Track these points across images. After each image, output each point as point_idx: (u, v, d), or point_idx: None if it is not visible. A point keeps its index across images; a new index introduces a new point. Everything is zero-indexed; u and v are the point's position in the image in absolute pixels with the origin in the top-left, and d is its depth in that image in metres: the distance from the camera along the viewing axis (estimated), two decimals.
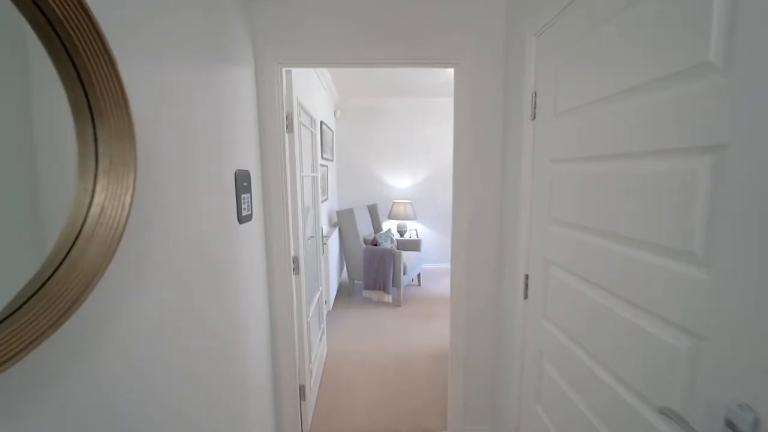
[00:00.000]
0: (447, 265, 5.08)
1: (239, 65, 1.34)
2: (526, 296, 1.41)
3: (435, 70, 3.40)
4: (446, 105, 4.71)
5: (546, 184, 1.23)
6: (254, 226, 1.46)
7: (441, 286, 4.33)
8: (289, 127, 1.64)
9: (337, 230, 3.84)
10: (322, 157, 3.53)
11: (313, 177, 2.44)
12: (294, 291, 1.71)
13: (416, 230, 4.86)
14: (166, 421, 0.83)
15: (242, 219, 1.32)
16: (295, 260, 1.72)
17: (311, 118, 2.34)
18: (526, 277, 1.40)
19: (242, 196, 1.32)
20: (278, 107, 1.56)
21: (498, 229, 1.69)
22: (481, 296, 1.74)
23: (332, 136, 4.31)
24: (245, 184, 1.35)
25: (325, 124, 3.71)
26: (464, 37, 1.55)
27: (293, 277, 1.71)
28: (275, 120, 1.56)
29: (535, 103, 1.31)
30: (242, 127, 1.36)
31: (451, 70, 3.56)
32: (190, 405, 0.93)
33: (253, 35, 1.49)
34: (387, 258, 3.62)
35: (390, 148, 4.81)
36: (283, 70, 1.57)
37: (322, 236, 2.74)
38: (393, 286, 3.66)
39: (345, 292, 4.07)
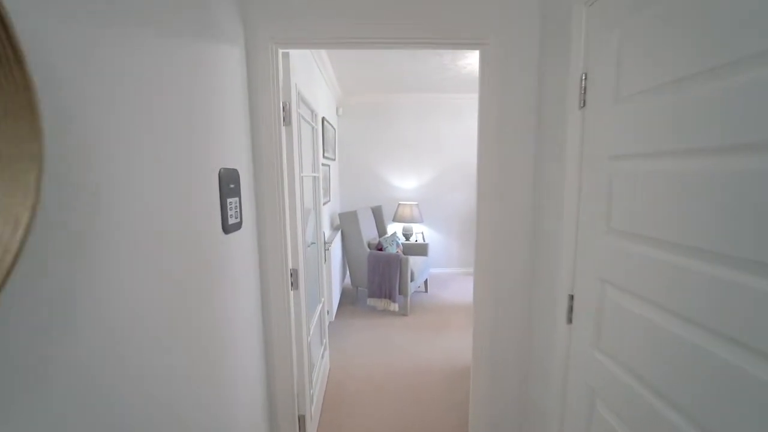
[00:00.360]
0: (455, 270, 4.86)
1: (225, 43, 1.10)
2: (569, 321, 1.18)
3: (444, 62, 3.17)
4: (454, 101, 4.48)
5: (602, 186, 1.00)
6: (244, 235, 1.23)
7: (450, 292, 4.10)
8: (287, 119, 1.41)
9: (339, 234, 3.61)
10: (324, 156, 3.31)
11: (314, 177, 2.21)
12: (292, 309, 1.48)
13: (422, 233, 4.62)
14: None
15: (228, 228, 1.09)
16: (294, 273, 1.49)
17: (312, 112, 2.11)
18: (570, 298, 1.17)
19: (228, 200, 1.09)
20: (273, 95, 1.32)
21: (530, 240, 1.45)
22: (509, 321, 1.50)
23: (334, 134, 4.08)
24: (232, 186, 1.12)
25: (327, 121, 3.48)
26: (492, 12, 1.32)
27: (291, 293, 1.48)
28: (270, 110, 1.33)
29: (584, 87, 1.07)
30: (230, 118, 1.13)
31: (460, 63, 3.34)
32: None
33: (244, 9, 1.25)
34: (393, 264, 3.39)
35: (395, 147, 4.57)
36: (280, 51, 1.34)
37: (325, 242, 2.51)
38: (399, 293, 3.43)
39: (348, 300, 3.83)
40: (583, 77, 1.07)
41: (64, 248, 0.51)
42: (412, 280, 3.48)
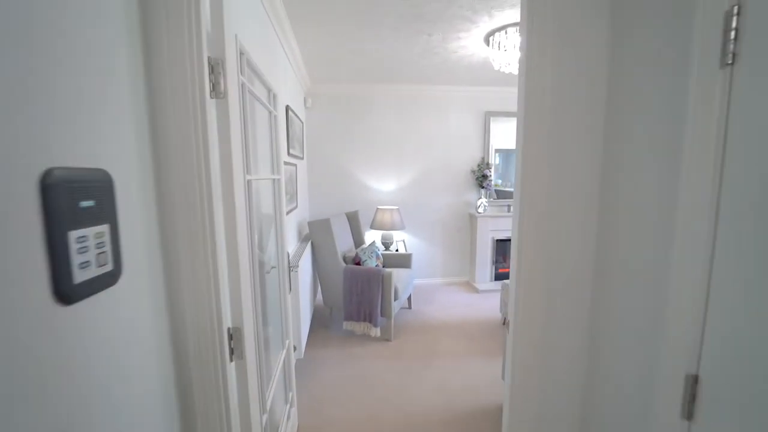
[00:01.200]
0: (438, 280, 4.43)
1: None
2: (689, 416, 0.73)
3: (433, 43, 2.70)
4: (440, 94, 4.04)
5: None
6: (127, 293, 0.67)
7: (436, 306, 3.64)
8: (218, 88, 0.86)
9: (309, 246, 3.05)
10: (289, 153, 2.73)
11: (274, 180, 1.65)
12: (235, 393, 0.93)
13: (404, 241, 4.15)
14: None
15: (77, 288, 0.53)
16: (235, 335, 0.94)
17: (270, 92, 1.55)
18: (693, 380, 0.72)
19: (76, 234, 0.53)
20: (191, 43, 0.77)
21: (590, 280, 1.00)
22: (561, 411, 1.03)
23: (302, 129, 3.50)
24: (88, 204, 0.56)
25: (293, 111, 2.90)
26: None
27: (232, 365, 0.93)
28: (184, 68, 0.77)
29: (735, 29, 0.62)
30: (87, 72, 0.57)
31: (451, 46, 2.80)
32: None
33: None
34: (373, 281, 2.87)
35: (372, 144, 4.06)
36: None
37: (289, 264, 1.95)
38: (381, 315, 2.92)
39: (321, 323, 3.27)
40: (735, 10, 0.62)
41: None
42: (395, 299, 2.98)
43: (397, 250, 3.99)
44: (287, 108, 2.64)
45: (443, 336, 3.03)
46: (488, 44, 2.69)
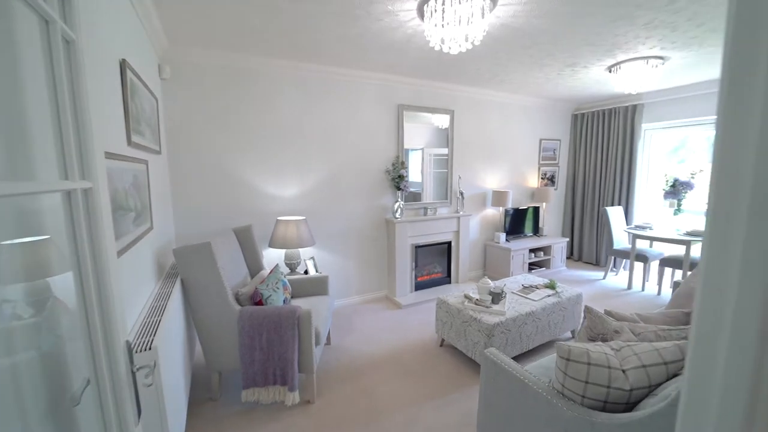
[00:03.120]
0: (354, 299, 3.79)
1: None
2: None
3: (353, 3, 2.03)
4: (349, 78, 3.38)
5: None
6: None
7: (358, 335, 2.98)
8: None
9: (177, 284, 1.99)
10: (130, 142, 1.65)
11: (83, 191, 0.72)
12: None
13: (313, 258, 3.34)
14: None
15: None
16: None
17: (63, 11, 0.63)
18: None
19: None
20: None
21: None
22: None
23: (155, 107, 2.35)
24: None
25: (135, 74, 1.80)
26: None
27: None
28: None
29: None
30: None
31: (376, 11, 2.10)
32: None
33: None
34: (286, 326, 2.04)
35: (266, 136, 3.12)
36: None
37: (133, 367, 1.00)
38: (300, 371, 2.11)
39: (203, 395, 2.23)
40: None
41: None
42: (317, 344, 2.21)
43: (306, 272, 3.17)
44: (124, 63, 1.57)
45: (377, 377, 2.41)
46: (422, 16, 2.17)
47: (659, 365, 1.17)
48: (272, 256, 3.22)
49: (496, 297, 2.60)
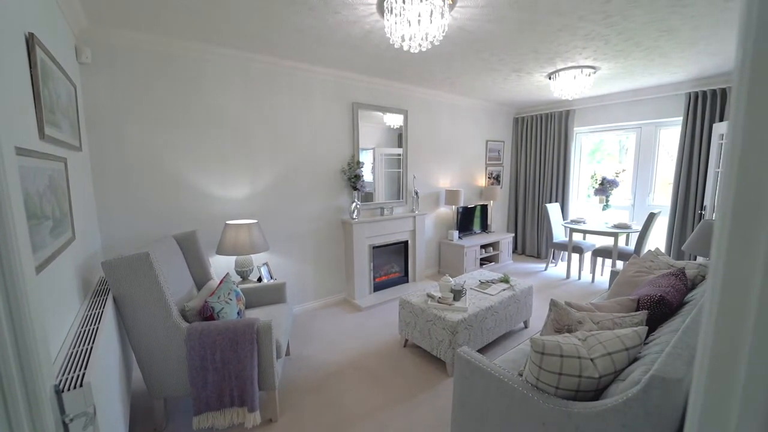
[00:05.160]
0: (312, 304, 3.64)
1: None
2: None
3: None
4: (300, 72, 3.22)
5: None
6: None
7: (319, 343, 2.85)
8: None
9: (109, 303, 1.70)
10: (44, 135, 1.36)
11: None
12: None
13: (267, 264, 3.12)
14: None
15: None
16: None
17: None
18: None
19: None
20: None
21: None
22: None
23: (74, 95, 2.00)
24: None
25: (46, 52, 1.50)
26: None
27: None
28: None
29: None
30: None
31: (330, 2, 1.97)
32: None
33: None
34: (243, 342, 1.85)
35: (211, 132, 2.83)
36: None
37: (66, 419, 0.80)
38: (261, 389, 1.93)
39: (146, 425, 1.94)
40: None
41: None
42: (278, 357, 2.05)
43: (260, 279, 2.94)
44: (32, 38, 1.28)
45: (343, 386, 2.31)
46: (382, 13, 2.12)
47: (622, 351, 1.25)
48: (221, 264, 2.94)
49: (458, 294, 2.64)
